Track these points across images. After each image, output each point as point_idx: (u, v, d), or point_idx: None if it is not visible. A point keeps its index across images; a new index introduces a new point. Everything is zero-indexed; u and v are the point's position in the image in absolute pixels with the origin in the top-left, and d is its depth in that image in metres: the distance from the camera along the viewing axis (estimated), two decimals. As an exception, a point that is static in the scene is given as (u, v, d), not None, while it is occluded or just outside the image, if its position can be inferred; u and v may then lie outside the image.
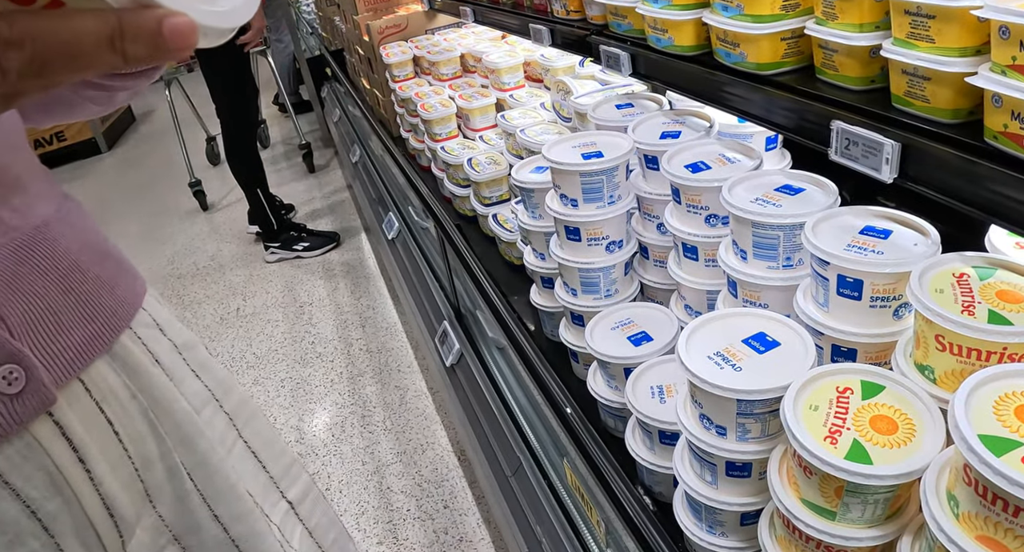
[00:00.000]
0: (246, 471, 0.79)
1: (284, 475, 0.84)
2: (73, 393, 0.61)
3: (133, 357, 0.67)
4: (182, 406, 0.70)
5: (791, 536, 0.82)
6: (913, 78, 0.79)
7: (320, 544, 0.86)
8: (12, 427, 0.55)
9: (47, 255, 0.61)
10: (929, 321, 0.75)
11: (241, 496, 0.74)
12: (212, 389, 0.77)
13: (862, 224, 0.92)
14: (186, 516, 0.69)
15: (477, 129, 2.30)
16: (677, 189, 1.13)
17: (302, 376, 2.94)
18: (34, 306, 0.58)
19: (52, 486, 0.58)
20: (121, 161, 6.36)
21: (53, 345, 0.59)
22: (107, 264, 0.68)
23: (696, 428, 0.90)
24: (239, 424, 0.80)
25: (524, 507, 1.62)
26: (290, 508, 0.84)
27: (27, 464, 0.57)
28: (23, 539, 0.57)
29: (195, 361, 0.76)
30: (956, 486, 0.65)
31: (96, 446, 0.62)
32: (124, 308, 0.68)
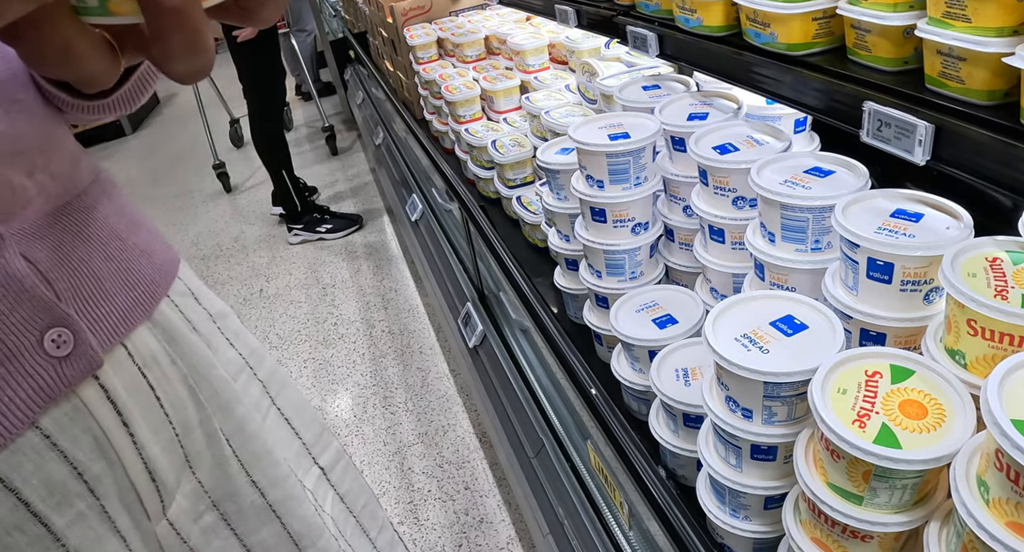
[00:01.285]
0: (280, 438, 0.80)
1: (316, 442, 0.85)
2: (117, 358, 0.62)
3: (172, 324, 0.68)
4: (219, 373, 0.71)
5: (816, 520, 0.82)
6: (948, 58, 0.78)
7: (351, 509, 0.88)
8: (60, 390, 0.56)
9: (88, 222, 0.62)
10: (961, 305, 0.74)
11: (277, 462, 0.75)
12: (246, 357, 0.78)
13: (893, 207, 0.91)
14: (225, 482, 0.70)
15: (501, 111, 2.29)
16: (704, 171, 1.12)
17: (324, 357, 2.96)
18: (79, 272, 0.59)
19: (97, 449, 0.59)
20: (146, 143, 6.40)
21: (98, 310, 0.60)
22: (142, 233, 0.69)
23: (722, 411, 0.90)
24: (272, 392, 0.81)
25: (546, 489, 1.63)
26: (322, 474, 0.85)
27: (74, 426, 0.58)
28: (70, 500, 0.58)
29: (229, 330, 0.77)
30: (987, 472, 0.64)
31: (139, 410, 0.63)
32: (162, 276, 0.69)
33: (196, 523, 0.69)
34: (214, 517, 0.70)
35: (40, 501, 0.56)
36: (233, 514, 0.71)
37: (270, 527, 0.74)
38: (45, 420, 0.56)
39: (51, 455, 0.56)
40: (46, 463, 0.56)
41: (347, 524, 0.86)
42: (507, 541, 1.98)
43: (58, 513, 0.57)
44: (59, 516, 0.57)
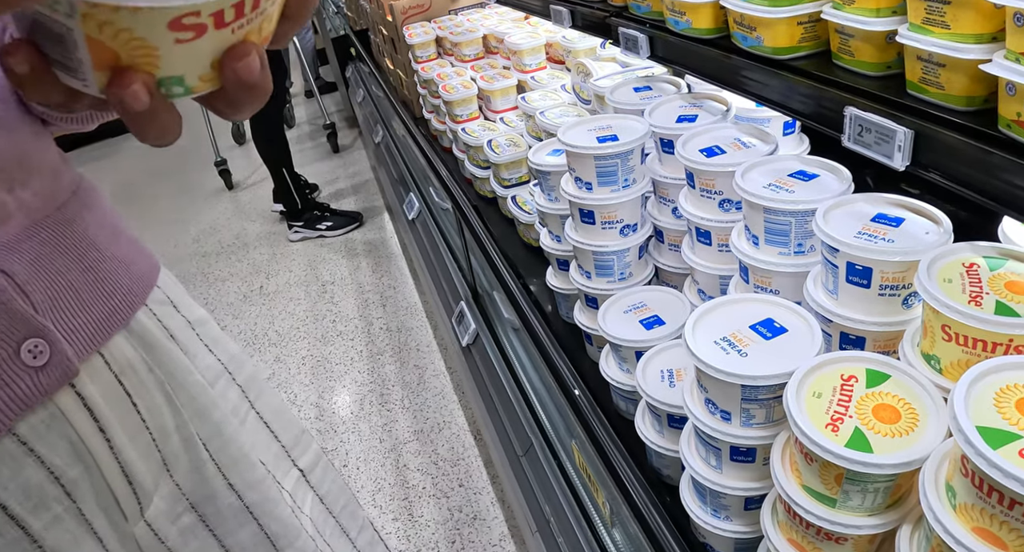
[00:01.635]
0: (259, 441, 0.81)
1: (295, 445, 0.86)
2: (94, 366, 0.63)
3: (149, 332, 0.69)
4: (196, 379, 0.72)
5: (792, 522, 0.82)
6: (928, 64, 0.79)
7: (331, 510, 0.89)
8: (37, 398, 0.58)
9: (66, 235, 0.63)
10: (936, 311, 0.75)
11: (254, 465, 0.76)
12: (225, 363, 0.79)
13: (874, 211, 0.92)
14: (202, 484, 0.71)
15: (498, 111, 2.30)
16: (691, 173, 1.12)
17: (323, 354, 2.97)
18: (56, 283, 0.61)
19: (74, 454, 0.61)
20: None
21: (74, 320, 0.61)
22: (122, 243, 0.70)
23: (701, 412, 0.90)
24: (251, 396, 0.82)
25: (534, 486, 1.64)
26: (301, 476, 0.86)
27: (51, 433, 0.59)
28: (47, 504, 0.59)
29: (208, 336, 0.78)
30: (954, 477, 0.65)
31: (115, 417, 0.64)
32: (140, 285, 0.70)
33: (174, 524, 0.70)
34: (192, 518, 0.71)
35: (17, 505, 0.57)
36: (211, 516, 0.72)
37: (248, 528, 0.75)
38: (22, 427, 0.57)
39: (28, 460, 0.58)
40: (23, 468, 0.57)
41: (327, 525, 0.87)
42: (499, 538, 1.99)
43: (35, 516, 0.58)
44: (36, 519, 0.58)
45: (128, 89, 0.42)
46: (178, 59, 0.44)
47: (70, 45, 0.43)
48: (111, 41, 0.42)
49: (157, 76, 0.44)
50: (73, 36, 0.42)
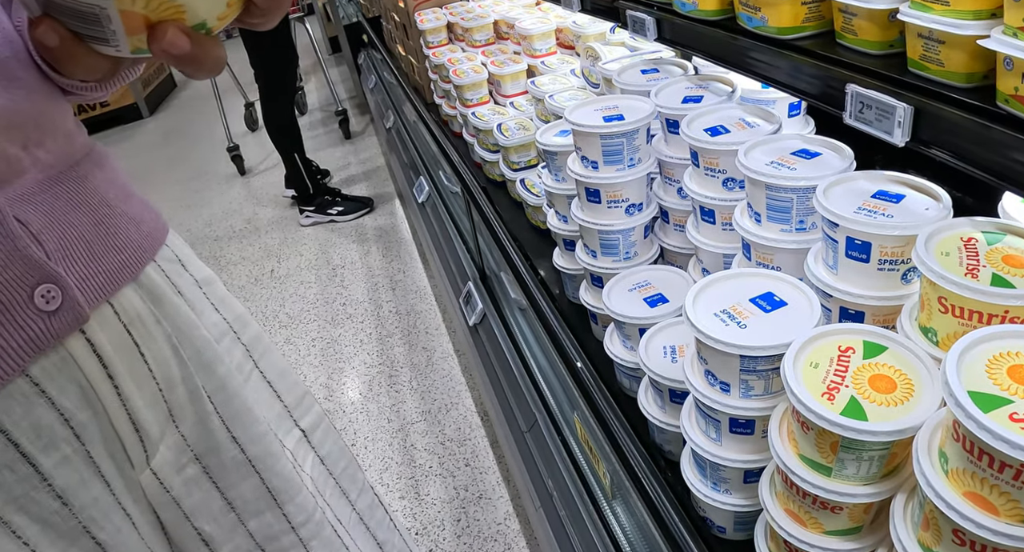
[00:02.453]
0: (261, 400, 0.83)
1: (297, 405, 0.88)
2: (104, 315, 0.65)
3: (158, 287, 0.71)
4: (202, 334, 0.74)
5: (789, 492, 0.84)
6: (928, 41, 0.80)
7: (331, 472, 0.91)
8: (48, 341, 0.60)
9: (79, 190, 0.66)
10: (933, 283, 0.76)
11: (257, 419, 0.78)
12: (230, 322, 0.82)
13: (875, 188, 0.93)
14: (206, 436, 0.73)
15: (508, 95, 2.31)
16: (696, 152, 1.13)
17: (332, 336, 3.00)
18: (69, 234, 0.63)
19: (83, 398, 0.63)
20: (162, 126, 6.46)
21: (85, 269, 0.63)
22: (132, 202, 0.72)
23: (701, 384, 0.92)
24: (255, 356, 0.84)
25: (538, 462, 1.66)
26: (303, 436, 0.88)
27: (61, 376, 0.62)
28: (57, 444, 0.62)
29: (214, 295, 0.81)
30: (947, 443, 0.66)
31: (124, 365, 0.66)
32: (149, 242, 0.72)
33: (179, 474, 0.72)
34: (196, 470, 0.74)
35: (29, 443, 0.60)
36: (214, 467, 0.75)
37: (249, 481, 0.77)
38: (34, 369, 0.60)
39: (39, 401, 0.60)
40: (35, 408, 0.60)
41: (327, 486, 0.89)
42: (504, 516, 2.02)
43: (45, 455, 0.61)
44: (46, 457, 0.61)
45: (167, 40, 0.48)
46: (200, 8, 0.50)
47: (103, 20, 0.47)
48: (143, 9, 0.47)
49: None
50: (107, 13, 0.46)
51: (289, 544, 0.81)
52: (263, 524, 0.79)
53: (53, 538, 0.62)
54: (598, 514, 1.38)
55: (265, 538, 0.79)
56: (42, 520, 0.61)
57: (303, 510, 0.81)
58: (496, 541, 1.96)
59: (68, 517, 0.63)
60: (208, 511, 0.75)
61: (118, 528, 0.66)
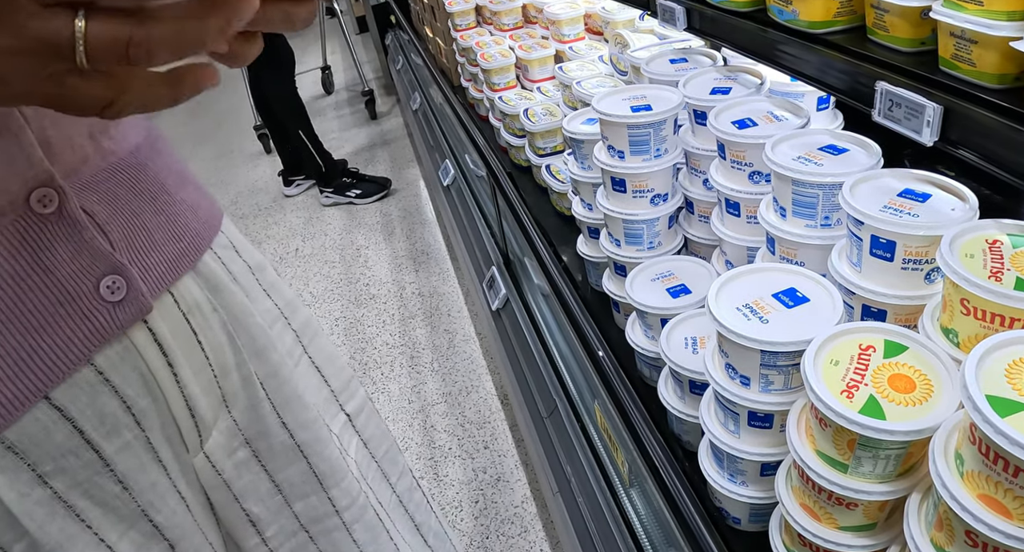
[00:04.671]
0: (310, 385, 0.84)
1: (343, 390, 0.90)
2: (164, 304, 0.67)
3: (215, 275, 0.73)
4: (256, 321, 0.75)
5: (805, 486, 0.85)
6: (960, 41, 0.79)
7: (374, 455, 0.92)
8: (113, 331, 0.61)
9: (140, 178, 0.67)
10: (956, 284, 0.76)
11: (307, 406, 0.79)
12: (281, 308, 0.83)
13: (902, 187, 0.93)
14: (257, 422, 0.75)
15: (535, 80, 2.31)
16: (723, 145, 1.14)
17: (356, 316, 3.03)
18: (132, 224, 0.64)
19: (144, 386, 0.65)
20: (189, 104, 6.33)
21: (148, 259, 0.65)
22: (188, 188, 0.74)
23: (721, 377, 0.93)
24: (304, 341, 0.86)
25: (557, 448, 1.68)
26: (348, 420, 0.89)
27: (124, 365, 0.63)
28: (119, 430, 0.63)
29: (266, 282, 0.82)
30: (963, 445, 0.67)
31: (182, 353, 0.68)
32: (206, 229, 0.73)
33: (230, 458, 0.74)
34: (246, 453, 0.75)
35: (93, 430, 0.61)
36: (264, 452, 0.76)
37: (297, 466, 0.79)
38: (99, 358, 0.61)
39: (103, 389, 0.62)
40: (99, 396, 0.61)
41: (369, 469, 0.91)
42: (522, 500, 2.04)
43: (108, 441, 0.62)
44: (109, 444, 0.62)
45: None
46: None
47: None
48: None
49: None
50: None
51: (332, 526, 0.83)
52: (308, 506, 0.81)
53: (114, 521, 0.64)
54: (615, 501, 1.40)
55: (310, 520, 0.81)
56: (104, 504, 0.63)
57: (348, 494, 0.83)
58: (513, 524, 1.98)
59: (128, 501, 0.65)
60: (256, 493, 0.77)
61: (173, 511, 0.68)
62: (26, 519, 0.58)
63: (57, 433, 0.59)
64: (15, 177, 0.56)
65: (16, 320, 0.56)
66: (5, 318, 0.56)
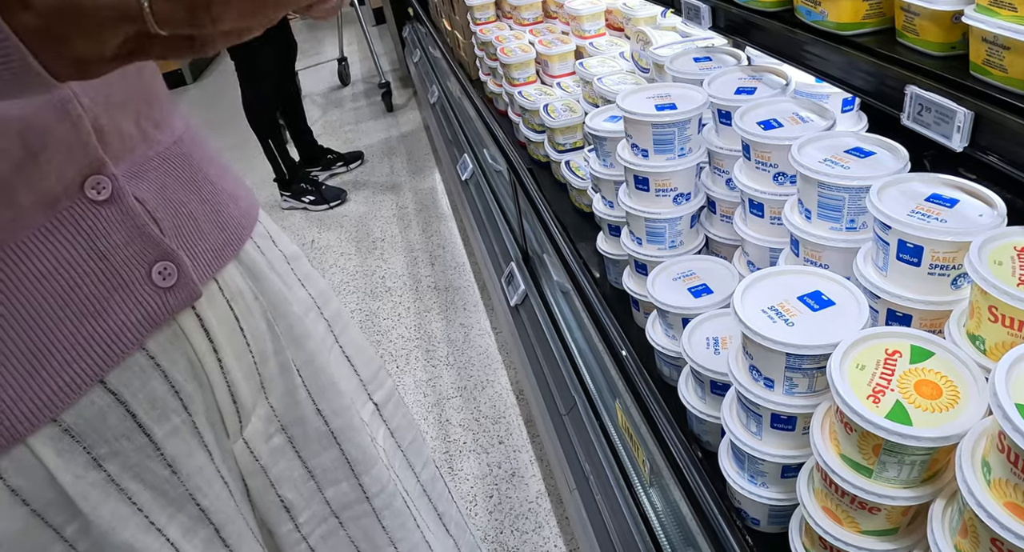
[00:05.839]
0: (340, 374, 0.86)
1: (372, 379, 0.91)
2: (210, 291, 0.68)
3: (255, 263, 0.74)
4: (294, 310, 0.77)
5: (828, 490, 0.85)
6: (992, 46, 0.79)
7: (400, 444, 0.94)
8: (164, 317, 0.63)
9: (185, 168, 0.69)
10: (984, 291, 0.76)
11: (341, 393, 0.81)
12: (315, 298, 0.85)
13: (929, 191, 0.93)
14: (293, 408, 0.77)
15: (555, 75, 2.30)
16: (747, 145, 1.13)
17: (371, 308, 3.04)
18: (180, 212, 0.66)
19: (191, 371, 0.66)
20: (206, 93, 6.52)
21: (196, 247, 0.66)
22: (229, 178, 0.76)
23: (745, 379, 0.93)
24: (336, 331, 0.87)
25: (575, 445, 1.69)
26: (376, 409, 0.91)
27: (174, 350, 0.65)
28: (168, 415, 0.65)
29: (301, 271, 0.84)
30: (990, 453, 0.67)
31: (226, 339, 0.69)
32: (247, 218, 0.75)
33: (267, 444, 0.76)
34: (282, 440, 0.77)
35: (144, 414, 0.63)
36: (299, 438, 0.78)
37: (330, 452, 0.80)
38: (150, 343, 0.63)
39: (154, 374, 0.63)
40: (150, 380, 0.63)
41: (395, 457, 0.92)
42: (536, 495, 2.05)
43: (158, 425, 0.64)
44: (159, 428, 0.64)
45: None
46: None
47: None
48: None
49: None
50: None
51: (362, 513, 0.85)
52: (339, 493, 0.83)
53: (163, 504, 0.66)
54: (634, 499, 1.40)
55: (340, 506, 0.83)
56: (154, 487, 0.65)
57: (378, 481, 0.85)
58: (527, 519, 1.99)
59: (176, 484, 0.66)
60: (291, 479, 0.79)
61: (218, 495, 0.70)
62: (81, 501, 0.60)
63: (111, 416, 0.61)
64: (71, 165, 0.57)
65: (73, 305, 0.58)
66: (63, 303, 0.57)
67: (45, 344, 0.57)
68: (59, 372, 0.57)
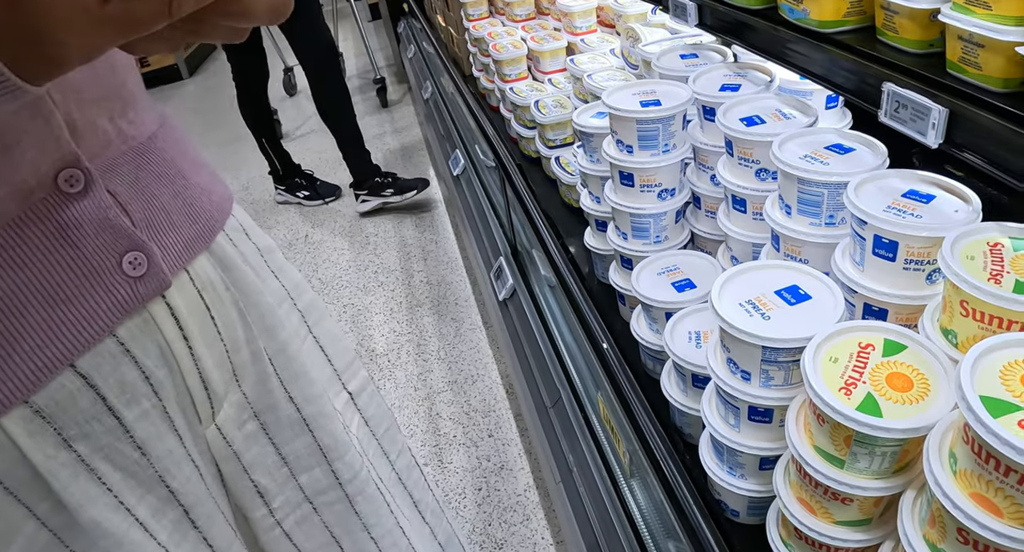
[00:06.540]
0: (314, 363, 0.87)
1: (346, 369, 0.92)
2: (180, 281, 0.70)
3: (227, 255, 0.76)
4: (266, 300, 0.78)
5: (802, 481, 0.86)
6: (968, 44, 0.80)
7: (374, 433, 0.95)
8: (134, 304, 0.64)
9: (158, 162, 0.70)
10: (955, 286, 0.77)
11: (313, 381, 0.83)
12: (288, 289, 0.86)
13: (906, 187, 0.94)
14: (265, 396, 0.78)
15: (547, 72, 2.31)
16: (730, 141, 1.15)
17: (364, 303, 3.05)
18: (151, 205, 0.68)
19: (161, 357, 0.68)
20: (201, 88, 6.52)
21: (166, 238, 0.68)
22: (203, 173, 0.77)
23: (723, 372, 0.94)
24: (310, 321, 0.88)
25: (560, 437, 1.70)
26: (350, 398, 0.92)
27: (144, 337, 0.66)
28: (138, 399, 0.66)
29: (274, 263, 0.85)
30: (957, 444, 0.68)
31: (197, 327, 0.71)
32: (220, 212, 0.77)
33: (240, 430, 0.78)
34: (255, 426, 0.79)
35: (114, 397, 0.64)
36: (271, 425, 0.80)
37: (303, 439, 0.82)
38: (121, 330, 0.64)
39: (125, 359, 0.65)
40: (120, 366, 0.65)
41: (370, 446, 0.94)
42: (524, 488, 2.06)
43: (128, 409, 0.65)
44: (129, 411, 0.66)
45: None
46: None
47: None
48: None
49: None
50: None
51: (336, 498, 0.86)
52: (313, 479, 0.84)
53: (132, 486, 0.67)
54: (616, 491, 1.42)
55: (314, 492, 0.85)
56: (124, 468, 0.66)
57: (351, 468, 0.86)
58: (515, 511, 2.00)
59: (146, 466, 0.68)
60: (264, 465, 0.80)
61: (188, 478, 0.72)
62: (52, 479, 0.61)
63: (82, 399, 0.62)
64: (45, 158, 0.59)
65: (45, 292, 0.59)
66: (36, 291, 0.59)
67: (17, 329, 0.58)
68: (31, 356, 0.58)
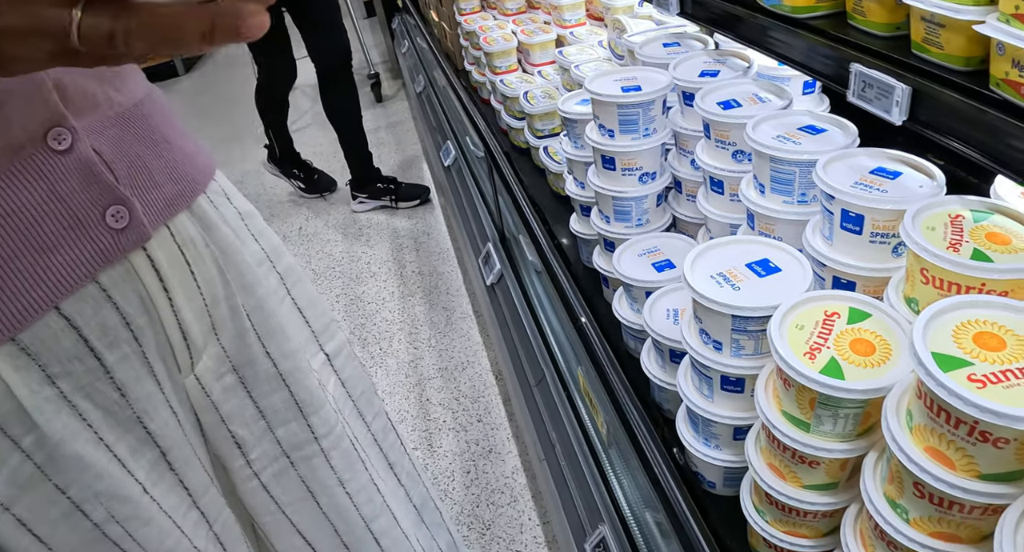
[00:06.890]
0: (291, 322, 0.91)
1: (323, 331, 0.96)
2: (162, 236, 0.74)
3: (207, 215, 0.80)
4: (244, 259, 0.83)
5: (771, 446, 0.90)
6: (930, 25, 0.83)
7: (351, 394, 0.99)
8: (116, 254, 0.69)
9: (143, 127, 0.74)
10: (916, 255, 0.80)
11: (289, 338, 0.86)
12: (267, 252, 0.90)
13: (874, 165, 0.97)
14: (244, 350, 0.82)
15: (536, 64, 2.35)
16: (708, 125, 1.18)
17: (356, 293, 3.08)
18: (135, 164, 0.72)
19: (142, 306, 0.72)
20: (197, 84, 6.54)
21: (148, 195, 0.72)
22: (187, 141, 0.81)
23: (696, 342, 0.98)
24: (288, 284, 0.92)
25: (544, 415, 1.74)
26: (327, 359, 0.96)
27: (125, 285, 0.71)
28: (119, 343, 0.71)
29: (254, 227, 0.89)
30: (912, 402, 0.71)
31: (177, 280, 0.75)
32: (202, 175, 0.81)
33: (218, 382, 0.82)
34: (233, 379, 0.83)
35: (96, 339, 0.69)
36: (249, 378, 0.83)
37: (280, 393, 0.86)
38: (103, 277, 0.69)
39: (106, 305, 0.69)
40: (102, 310, 0.69)
41: (345, 406, 0.97)
42: (512, 471, 2.10)
43: (109, 351, 0.70)
44: (110, 353, 0.70)
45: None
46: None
47: None
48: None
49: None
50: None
51: (312, 453, 0.90)
52: (289, 433, 0.88)
53: (112, 424, 0.72)
54: (596, 465, 1.45)
55: (291, 445, 0.88)
56: (104, 408, 0.71)
57: (326, 423, 0.90)
58: (503, 493, 2.04)
59: (125, 407, 0.72)
60: (241, 417, 0.84)
61: (165, 422, 0.76)
62: (36, 413, 0.65)
63: (65, 339, 0.67)
64: (34, 117, 0.63)
65: (32, 241, 0.64)
66: (23, 239, 0.63)
67: (6, 272, 0.62)
68: (17, 297, 0.63)
